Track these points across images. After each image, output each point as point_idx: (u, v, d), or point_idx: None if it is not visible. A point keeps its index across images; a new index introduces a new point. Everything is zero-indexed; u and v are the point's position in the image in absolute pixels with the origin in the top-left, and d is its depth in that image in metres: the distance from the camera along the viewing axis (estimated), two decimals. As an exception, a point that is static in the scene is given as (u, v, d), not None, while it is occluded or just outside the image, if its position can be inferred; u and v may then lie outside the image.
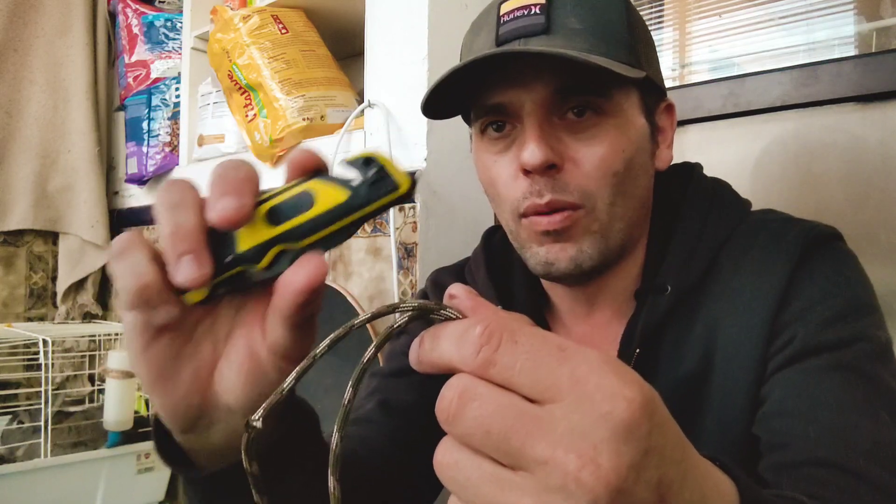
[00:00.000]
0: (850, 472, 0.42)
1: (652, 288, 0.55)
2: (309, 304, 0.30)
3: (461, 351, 0.25)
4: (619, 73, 0.49)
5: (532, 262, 0.56)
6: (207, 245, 0.30)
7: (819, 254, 0.52)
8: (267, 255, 0.31)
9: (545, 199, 0.52)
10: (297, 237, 0.30)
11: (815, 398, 0.46)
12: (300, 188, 0.31)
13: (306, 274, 0.29)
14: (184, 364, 0.32)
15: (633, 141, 0.54)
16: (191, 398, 0.32)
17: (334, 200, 0.30)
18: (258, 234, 0.30)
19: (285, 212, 0.31)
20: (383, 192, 0.30)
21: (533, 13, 0.52)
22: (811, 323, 0.49)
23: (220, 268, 0.30)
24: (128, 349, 0.32)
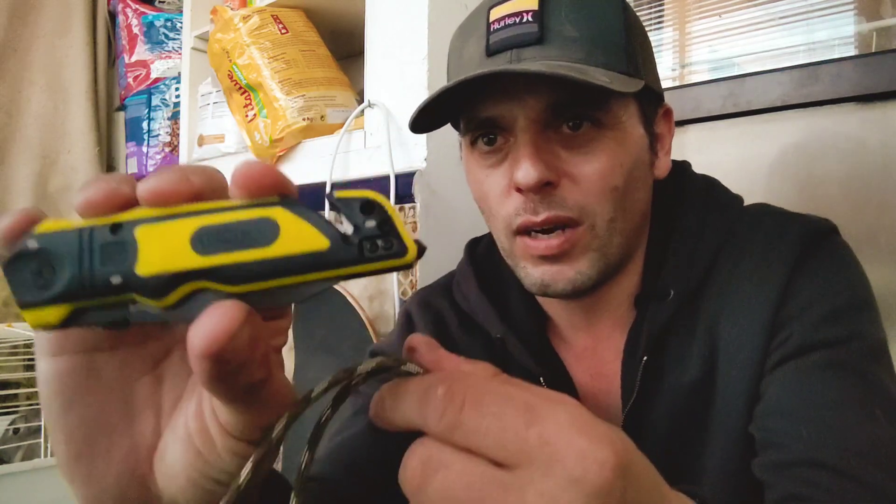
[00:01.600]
0: (842, 473, 0.42)
1: (654, 293, 0.54)
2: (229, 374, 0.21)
3: (423, 413, 0.23)
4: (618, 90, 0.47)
5: (527, 281, 0.53)
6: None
7: (817, 250, 0.52)
8: (175, 292, 0.21)
9: (541, 217, 0.49)
10: (230, 279, 0.21)
11: (809, 397, 0.46)
12: (257, 212, 0.22)
13: (206, 331, 0.20)
14: (116, 439, 0.25)
15: (632, 153, 0.52)
16: (124, 489, 0.25)
17: (306, 245, 0.22)
18: (172, 257, 0.21)
19: (224, 238, 0.21)
20: (382, 254, 0.22)
21: (525, 21, 0.49)
22: (808, 320, 0.49)
23: (100, 288, 0.21)
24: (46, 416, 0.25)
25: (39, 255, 0.21)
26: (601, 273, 0.52)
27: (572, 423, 0.22)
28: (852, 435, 0.44)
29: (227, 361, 0.20)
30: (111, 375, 0.25)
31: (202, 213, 0.22)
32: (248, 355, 0.21)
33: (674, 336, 0.54)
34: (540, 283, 0.52)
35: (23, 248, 0.22)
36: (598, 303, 0.57)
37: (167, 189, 0.22)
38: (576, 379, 0.58)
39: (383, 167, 1.02)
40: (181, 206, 0.22)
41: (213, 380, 0.21)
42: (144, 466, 0.25)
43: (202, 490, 0.25)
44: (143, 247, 0.21)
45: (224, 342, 0.20)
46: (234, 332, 0.20)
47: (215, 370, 0.21)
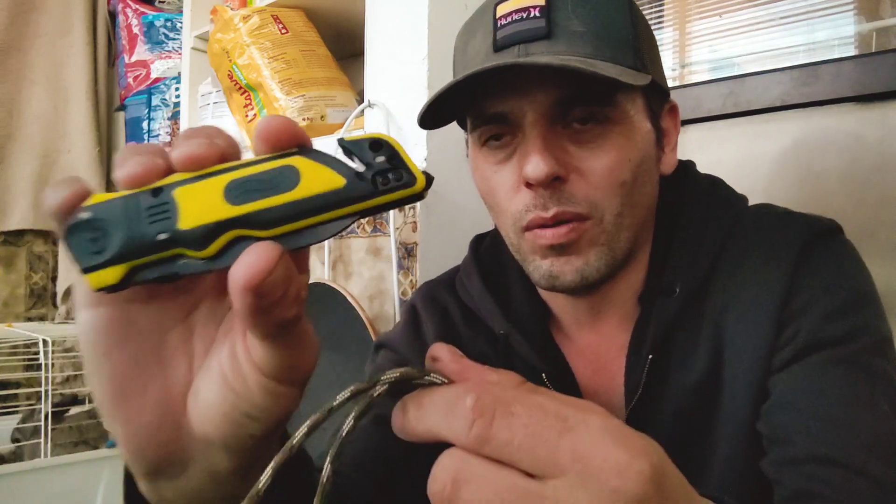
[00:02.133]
0: (850, 468, 0.42)
1: (660, 290, 0.54)
2: (267, 309, 0.23)
3: (452, 424, 0.23)
4: (627, 82, 0.47)
5: (536, 275, 0.53)
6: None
7: (821, 248, 0.52)
8: (216, 242, 0.24)
9: (551, 212, 0.49)
10: (262, 224, 0.24)
11: (816, 393, 0.46)
12: (278, 163, 0.24)
13: (247, 268, 0.22)
14: (151, 381, 0.27)
15: (640, 148, 0.52)
16: (159, 426, 0.27)
17: (325, 185, 0.24)
18: (210, 210, 0.24)
19: (253, 189, 0.24)
20: (394, 185, 0.24)
21: (532, 16, 0.49)
22: (814, 317, 0.49)
23: (149, 245, 0.24)
24: (85, 362, 0.27)
25: (92, 223, 0.24)
26: (609, 266, 0.52)
27: (605, 433, 0.22)
28: (860, 430, 0.44)
29: (265, 295, 0.22)
30: (145, 325, 0.27)
31: (230, 169, 0.24)
32: (283, 291, 0.23)
33: (679, 333, 0.54)
34: (549, 276, 0.52)
35: (77, 219, 0.24)
36: (603, 299, 0.57)
37: (197, 153, 0.24)
38: (578, 375, 0.58)
39: (383, 167, 1.02)
40: (214, 167, 0.25)
41: (252, 313, 0.23)
42: (178, 406, 0.27)
43: (235, 424, 0.26)
44: (182, 205, 0.24)
45: (262, 276, 0.22)
46: (270, 268, 0.22)
47: (255, 304, 0.23)
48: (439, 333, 0.62)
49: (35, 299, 1.86)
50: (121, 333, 0.26)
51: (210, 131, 0.25)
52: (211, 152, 0.24)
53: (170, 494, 0.28)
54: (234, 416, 0.26)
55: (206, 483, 0.28)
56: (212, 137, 0.25)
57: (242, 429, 0.26)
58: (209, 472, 0.28)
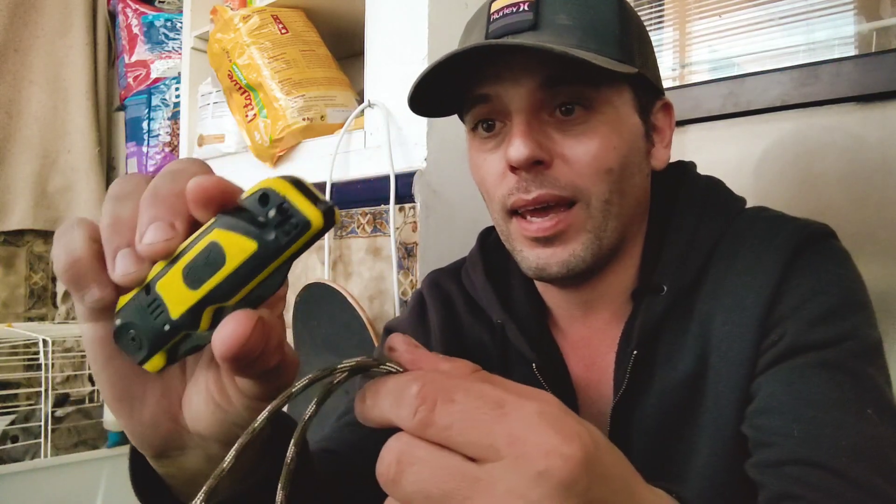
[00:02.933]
0: (833, 472, 0.42)
1: (648, 288, 0.55)
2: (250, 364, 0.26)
3: (399, 411, 0.25)
4: (603, 66, 0.48)
5: (524, 265, 0.55)
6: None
7: (811, 251, 0.52)
8: (203, 318, 0.27)
9: (532, 195, 0.51)
10: (221, 297, 0.26)
11: (800, 396, 0.46)
12: (206, 240, 0.26)
13: (223, 341, 0.25)
14: (150, 385, 0.31)
15: (626, 139, 0.53)
16: (159, 422, 0.31)
17: (244, 253, 0.26)
18: (182, 298, 0.27)
19: (199, 271, 0.26)
20: (293, 234, 0.25)
21: (522, 10, 0.52)
22: (801, 321, 0.49)
23: (164, 336, 0.28)
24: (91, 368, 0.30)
25: (126, 328, 0.28)
26: (595, 256, 0.53)
27: (541, 419, 0.23)
28: (844, 434, 0.44)
29: (245, 358, 0.25)
30: None
31: (179, 256, 0.27)
32: (263, 348, 0.25)
33: (667, 331, 0.54)
34: (535, 267, 0.54)
35: (115, 326, 0.29)
36: (595, 295, 0.58)
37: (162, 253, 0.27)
38: (571, 368, 0.60)
39: (383, 167, 1.02)
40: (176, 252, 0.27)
41: (237, 372, 0.26)
42: (175, 406, 0.31)
43: (224, 429, 0.30)
44: (165, 297, 0.27)
45: (237, 347, 0.25)
46: (245, 338, 0.25)
47: (237, 366, 0.25)
48: (442, 319, 0.65)
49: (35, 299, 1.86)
50: None
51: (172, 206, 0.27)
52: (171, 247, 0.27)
53: (173, 470, 0.33)
54: (223, 425, 0.30)
55: (204, 463, 0.32)
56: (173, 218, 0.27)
57: (232, 432, 0.30)
58: (205, 456, 0.32)
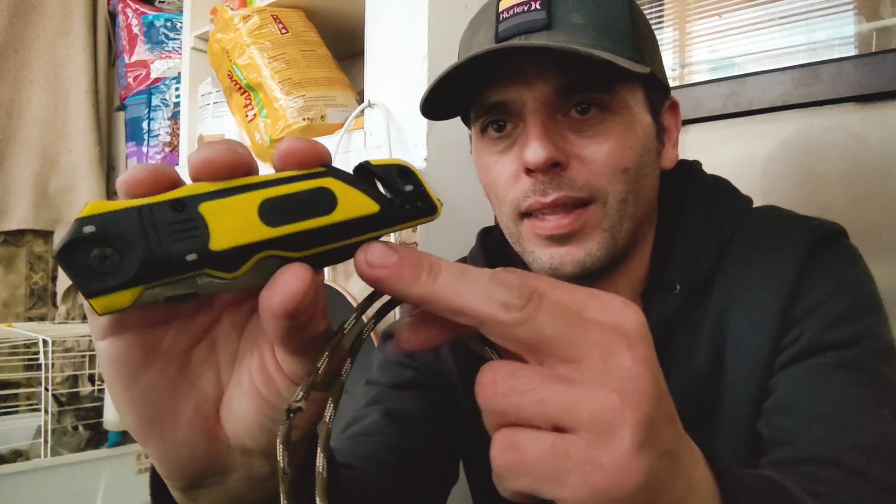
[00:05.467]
0: (851, 470, 0.42)
1: (660, 287, 0.55)
2: (300, 328, 0.23)
3: (493, 298, 0.23)
4: (625, 67, 0.48)
5: (535, 266, 0.54)
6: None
7: (826, 251, 0.52)
8: (248, 262, 0.22)
9: (550, 198, 0.50)
10: (297, 246, 0.23)
11: (818, 395, 0.46)
12: (312, 183, 0.24)
13: (283, 293, 0.22)
14: (182, 400, 0.26)
15: (640, 139, 0.52)
16: (196, 442, 0.26)
17: (361, 210, 0.24)
18: (244, 231, 0.22)
19: (290, 210, 0.23)
20: (419, 213, 0.25)
21: (533, 9, 0.50)
22: (818, 320, 0.49)
23: (175, 267, 0.21)
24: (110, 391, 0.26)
25: (100, 239, 0.21)
26: (610, 255, 0.52)
27: (608, 293, 0.25)
28: (862, 433, 0.44)
29: (298, 317, 0.23)
30: (168, 347, 0.26)
31: (262, 185, 0.23)
32: (315, 310, 0.23)
33: (680, 331, 0.54)
34: (549, 267, 0.52)
35: (77, 233, 0.20)
36: None
37: (220, 159, 0.23)
38: None
39: (383, 167, 1.02)
40: (238, 181, 0.23)
41: (286, 334, 0.23)
42: (212, 420, 0.27)
43: (272, 434, 0.26)
44: (212, 222, 0.22)
45: (297, 301, 0.22)
46: (305, 291, 0.22)
47: (289, 326, 0.23)
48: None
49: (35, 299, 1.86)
50: (144, 359, 0.25)
51: (232, 142, 0.24)
52: (234, 160, 0.23)
53: (207, 502, 0.28)
54: (270, 426, 0.26)
55: (245, 487, 0.28)
56: (233, 146, 0.24)
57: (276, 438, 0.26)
58: (248, 478, 0.28)
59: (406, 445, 0.56)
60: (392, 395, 0.62)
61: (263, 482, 0.29)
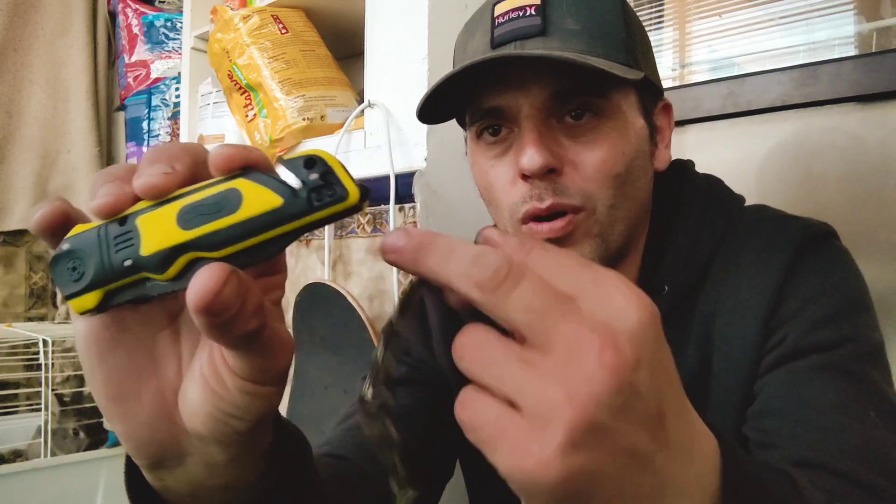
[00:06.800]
0: (836, 473, 0.42)
1: (650, 288, 0.55)
2: (225, 325, 0.24)
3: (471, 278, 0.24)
4: (619, 75, 0.48)
5: None
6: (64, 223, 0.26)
7: (814, 252, 0.52)
8: (173, 265, 0.25)
9: (546, 204, 0.51)
10: (212, 246, 0.25)
11: (803, 398, 0.46)
12: (223, 186, 0.25)
13: (196, 290, 0.23)
14: (145, 383, 0.29)
15: (633, 143, 0.53)
16: (155, 423, 0.28)
17: (265, 205, 0.25)
18: (165, 236, 0.25)
19: (201, 213, 0.25)
20: (328, 201, 0.25)
21: (528, 14, 0.51)
22: (804, 322, 0.49)
23: (118, 272, 0.26)
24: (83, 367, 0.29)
25: (71, 254, 0.26)
26: (602, 259, 0.53)
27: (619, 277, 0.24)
28: (847, 436, 0.44)
29: (219, 314, 0.24)
30: (136, 330, 0.29)
31: (182, 195, 0.26)
32: (239, 308, 0.24)
33: (669, 331, 0.54)
34: None
35: (58, 251, 0.27)
36: None
37: (154, 184, 0.26)
38: None
39: (383, 167, 1.02)
40: (172, 193, 0.26)
41: (211, 329, 0.24)
42: (170, 404, 0.29)
43: (220, 422, 0.28)
44: (143, 232, 0.26)
45: (210, 297, 0.23)
46: (218, 288, 0.23)
47: (211, 322, 0.24)
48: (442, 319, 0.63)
49: (35, 299, 1.86)
50: (113, 339, 0.28)
51: (172, 153, 0.27)
52: (167, 182, 0.26)
53: (171, 482, 0.31)
54: (217, 415, 0.28)
55: (203, 472, 0.30)
56: (172, 162, 0.26)
57: (228, 426, 0.28)
58: (205, 463, 0.30)
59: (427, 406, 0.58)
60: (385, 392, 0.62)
61: (221, 469, 0.30)
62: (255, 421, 0.29)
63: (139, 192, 0.26)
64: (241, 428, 0.28)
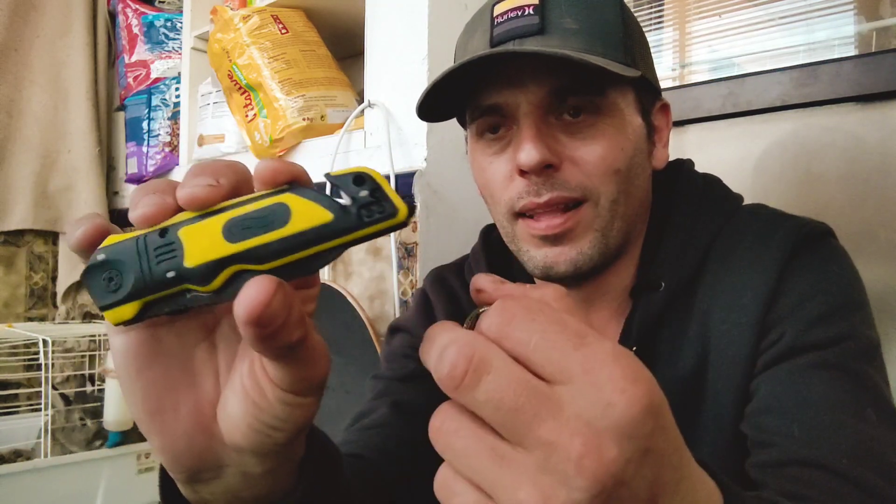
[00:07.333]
0: (834, 472, 0.42)
1: (646, 285, 0.55)
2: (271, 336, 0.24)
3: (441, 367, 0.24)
4: (616, 72, 0.49)
5: (530, 265, 0.55)
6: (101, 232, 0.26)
7: (809, 250, 0.52)
8: (218, 277, 0.26)
9: (544, 198, 0.51)
10: (259, 259, 0.26)
11: (800, 396, 0.46)
12: (271, 200, 0.26)
13: (247, 303, 0.24)
14: (182, 396, 0.29)
15: (632, 140, 0.53)
16: (193, 437, 0.29)
17: (314, 220, 0.25)
18: (210, 248, 0.26)
19: (248, 227, 0.26)
20: (378, 217, 0.25)
21: (527, 14, 0.52)
22: (800, 320, 0.49)
23: (159, 283, 0.26)
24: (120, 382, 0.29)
25: (107, 265, 0.26)
26: (602, 255, 0.53)
27: (617, 358, 0.22)
28: (844, 434, 0.44)
29: (267, 325, 0.24)
30: (172, 345, 0.29)
31: (228, 208, 0.26)
32: (285, 319, 0.24)
33: (666, 328, 0.54)
34: (543, 266, 0.53)
35: (93, 261, 0.26)
36: (596, 292, 0.58)
37: (199, 196, 0.26)
38: None
39: (383, 167, 1.02)
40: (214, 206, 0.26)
41: (258, 340, 0.24)
42: (208, 418, 0.29)
43: (260, 434, 0.28)
44: (186, 244, 0.26)
45: (261, 309, 0.23)
46: (268, 301, 0.24)
47: (259, 333, 0.24)
48: (447, 313, 0.65)
49: (35, 299, 1.86)
50: (150, 354, 0.28)
51: (216, 168, 0.27)
52: (211, 194, 0.26)
53: (207, 494, 0.31)
54: (258, 426, 0.28)
55: (240, 484, 0.30)
56: (217, 176, 0.27)
57: (268, 438, 0.28)
58: (242, 475, 0.30)
59: (413, 436, 0.57)
60: (398, 388, 0.63)
61: (258, 480, 0.30)
62: (295, 432, 0.29)
63: (183, 202, 0.26)
64: (280, 439, 0.28)
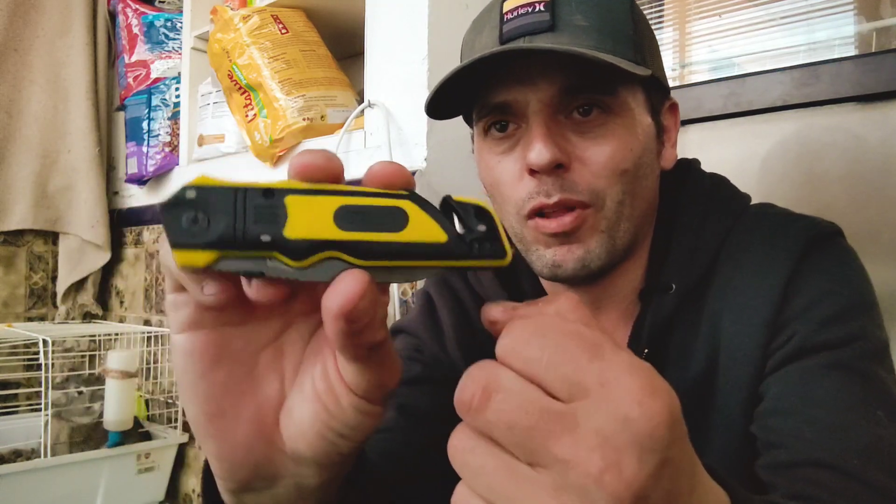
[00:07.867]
0: (845, 473, 0.42)
1: (657, 287, 0.55)
2: (357, 333, 0.24)
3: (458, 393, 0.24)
4: (627, 70, 0.48)
5: (538, 264, 0.54)
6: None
7: (820, 251, 0.52)
8: (313, 257, 0.24)
9: (554, 199, 0.51)
10: (362, 254, 0.25)
11: (811, 397, 0.46)
12: (390, 202, 0.26)
13: (341, 295, 0.23)
14: (245, 401, 0.28)
15: (641, 140, 0.53)
16: (252, 444, 0.28)
17: (429, 236, 0.25)
18: (317, 227, 0.24)
19: (362, 220, 0.25)
20: (487, 254, 0.26)
21: (537, 10, 0.51)
22: (810, 321, 0.49)
23: (249, 242, 0.24)
24: (179, 384, 0.28)
25: (197, 204, 0.24)
26: (609, 255, 0.53)
27: (633, 369, 0.22)
28: (855, 435, 0.44)
29: (356, 321, 0.23)
30: (238, 347, 0.28)
31: (344, 193, 0.25)
32: (371, 317, 0.24)
33: (677, 331, 0.54)
34: (552, 264, 0.53)
35: (180, 195, 0.24)
36: (604, 294, 0.58)
37: (320, 164, 0.25)
38: None
39: (383, 167, 1.02)
40: (326, 185, 0.25)
41: (344, 336, 0.24)
42: (270, 424, 0.28)
43: (327, 442, 0.27)
44: (292, 214, 0.24)
45: (355, 304, 0.23)
46: (363, 296, 0.23)
47: (346, 328, 0.23)
48: (453, 317, 0.64)
49: (35, 299, 1.86)
50: (216, 355, 0.27)
51: (327, 154, 0.26)
52: (330, 167, 0.26)
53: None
54: (327, 434, 0.27)
55: (292, 495, 0.29)
56: (330, 157, 0.26)
57: (334, 447, 0.27)
58: (296, 487, 0.29)
59: (420, 440, 0.57)
60: (403, 391, 0.62)
61: (311, 493, 0.29)
62: (361, 441, 0.28)
63: (300, 167, 0.25)
64: (345, 448, 0.28)
